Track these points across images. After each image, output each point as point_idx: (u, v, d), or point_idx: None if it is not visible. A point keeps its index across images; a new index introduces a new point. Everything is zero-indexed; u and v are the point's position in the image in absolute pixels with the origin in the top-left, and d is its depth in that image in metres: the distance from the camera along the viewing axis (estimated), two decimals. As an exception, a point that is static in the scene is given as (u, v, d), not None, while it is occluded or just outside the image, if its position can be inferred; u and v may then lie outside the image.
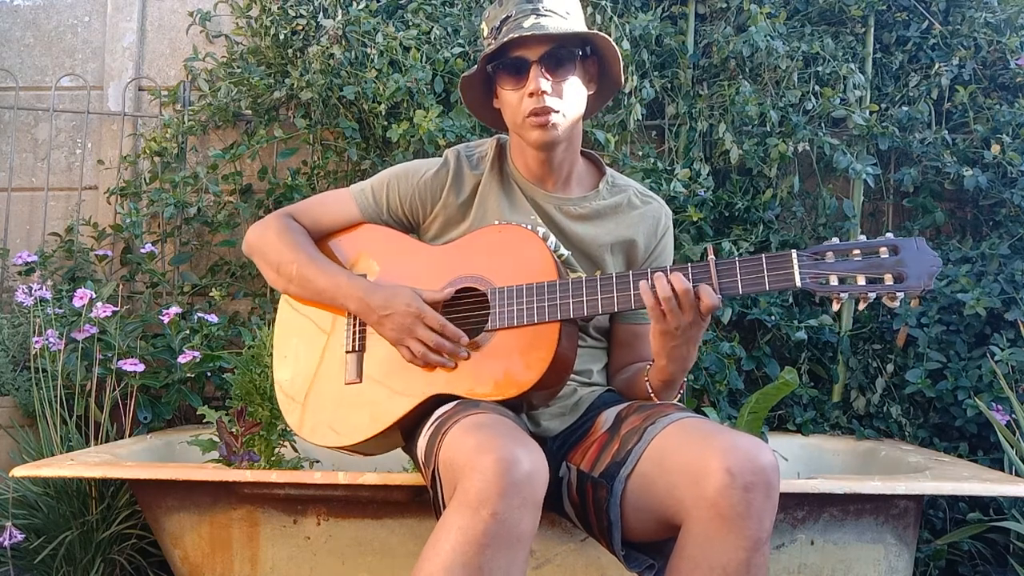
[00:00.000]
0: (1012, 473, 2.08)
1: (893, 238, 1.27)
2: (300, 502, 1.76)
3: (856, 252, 1.28)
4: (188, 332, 2.50)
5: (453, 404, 1.42)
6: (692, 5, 2.80)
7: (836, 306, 1.29)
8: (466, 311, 1.54)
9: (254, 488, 1.74)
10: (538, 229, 1.58)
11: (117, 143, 3.02)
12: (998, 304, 2.44)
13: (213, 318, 2.52)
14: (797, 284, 1.28)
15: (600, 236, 1.62)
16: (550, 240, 1.58)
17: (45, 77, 3.10)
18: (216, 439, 1.92)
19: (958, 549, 2.29)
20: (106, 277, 2.85)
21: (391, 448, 1.66)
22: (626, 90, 2.65)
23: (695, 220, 2.59)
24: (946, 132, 2.65)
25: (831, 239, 1.33)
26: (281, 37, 2.84)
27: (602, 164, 1.70)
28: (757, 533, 1.18)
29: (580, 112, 1.58)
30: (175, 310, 2.45)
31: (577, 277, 1.46)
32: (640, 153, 2.76)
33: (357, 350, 1.61)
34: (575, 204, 1.62)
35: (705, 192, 2.62)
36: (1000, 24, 2.70)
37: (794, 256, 1.29)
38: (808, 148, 2.65)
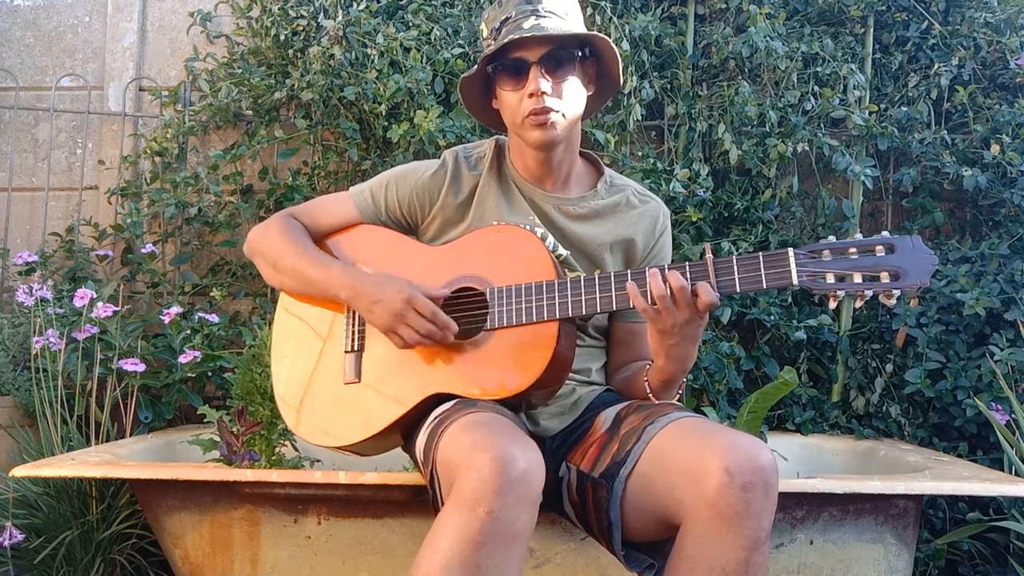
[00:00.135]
0: (1012, 473, 2.08)
1: (889, 236, 1.28)
2: (301, 502, 1.76)
3: (853, 250, 1.28)
4: (189, 332, 2.51)
5: (451, 403, 1.42)
6: (692, 6, 2.80)
7: (833, 304, 1.29)
8: (465, 311, 1.54)
9: (255, 488, 1.74)
10: (536, 229, 1.59)
11: (118, 143, 3.02)
12: (998, 304, 2.44)
13: (214, 318, 2.52)
14: (794, 282, 1.29)
15: (599, 236, 1.62)
16: (548, 240, 1.59)
17: (45, 77, 3.11)
18: (217, 439, 1.92)
19: (958, 549, 2.29)
20: (107, 277, 2.85)
21: (390, 448, 1.66)
22: (626, 90, 2.65)
23: (694, 220, 2.59)
24: (946, 132, 2.66)
25: (828, 238, 1.33)
26: (281, 38, 2.85)
27: (600, 164, 1.71)
28: (756, 532, 1.19)
29: (579, 112, 1.58)
30: (176, 310, 2.45)
31: (575, 276, 1.46)
32: (640, 153, 2.76)
33: (356, 350, 1.61)
34: (574, 204, 1.63)
35: (704, 192, 2.62)
36: (1000, 24, 2.70)
37: (791, 254, 1.29)
38: (807, 148, 2.66)
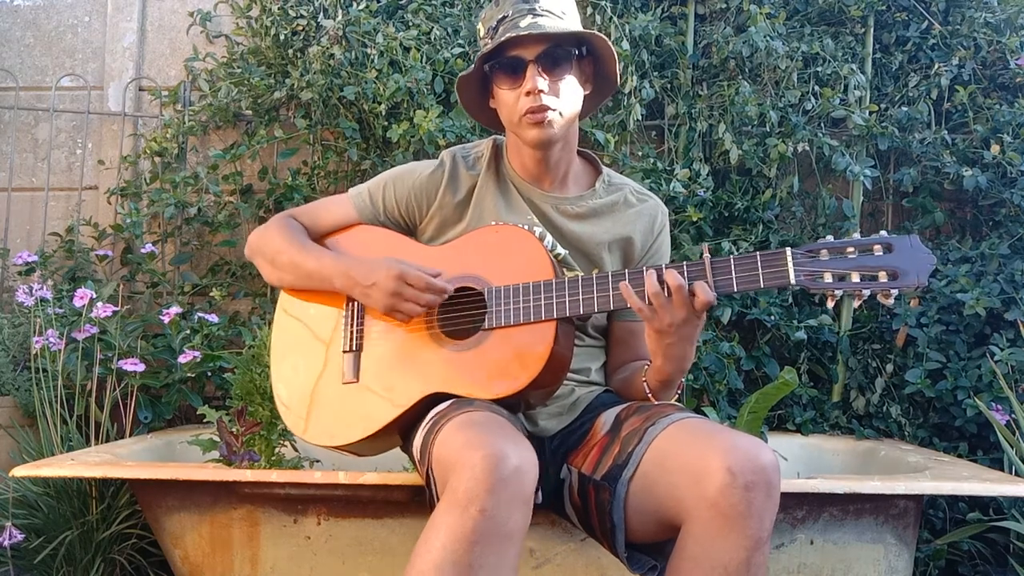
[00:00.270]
0: (1012, 473, 2.08)
1: (887, 236, 1.27)
2: (300, 502, 1.76)
3: (851, 250, 1.28)
4: (188, 332, 2.51)
5: (448, 403, 1.42)
6: (692, 5, 2.80)
7: (831, 303, 1.29)
8: (463, 310, 1.54)
9: (254, 488, 1.74)
10: (535, 229, 1.59)
11: (117, 143, 3.02)
12: (998, 304, 2.44)
13: (213, 318, 2.52)
14: (792, 281, 1.29)
15: (597, 234, 1.62)
16: (547, 240, 1.59)
17: (45, 77, 3.11)
18: (216, 439, 1.92)
19: (958, 549, 2.29)
20: (106, 277, 2.85)
21: (388, 448, 1.66)
22: (626, 90, 2.65)
23: (695, 220, 2.59)
24: (946, 132, 2.65)
25: (826, 237, 1.33)
26: (281, 37, 2.84)
27: (598, 163, 1.71)
28: (758, 532, 1.19)
29: (576, 111, 1.58)
30: (175, 310, 2.45)
31: (573, 276, 1.46)
32: (640, 153, 2.76)
33: (354, 350, 1.61)
34: (572, 203, 1.63)
35: (705, 192, 2.62)
36: (1000, 24, 2.70)
37: (789, 254, 1.29)
38: (808, 148, 2.65)
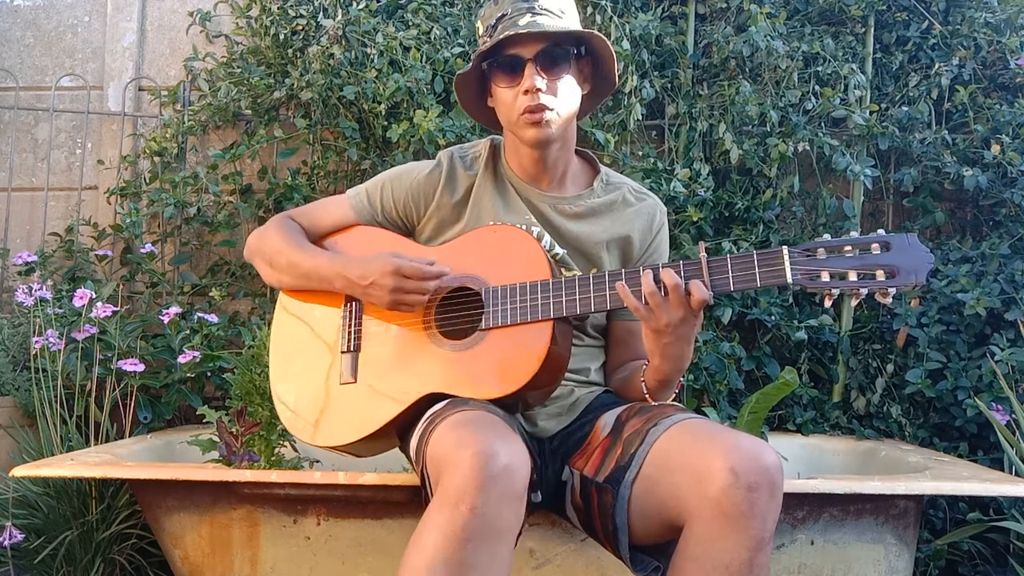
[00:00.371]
0: (1012, 473, 2.08)
1: (885, 234, 1.27)
2: (300, 502, 1.76)
3: (848, 248, 1.27)
4: (188, 332, 2.50)
5: (444, 403, 1.42)
6: (692, 5, 2.80)
7: (828, 302, 1.28)
8: (461, 310, 1.54)
9: (254, 488, 1.74)
10: (532, 229, 1.59)
11: (117, 143, 3.01)
12: (998, 304, 2.44)
13: (213, 318, 2.52)
14: (788, 280, 1.28)
15: (595, 234, 1.62)
16: (544, 240, 1.59)
17: (45, 77, 3.10)
18: (216, 439, 1.92)
19: (958, 549, 2.29)
20: (106, 277, 2.85)
21: (387, 448, 1.66)
22: (626, 90, 2.65)
23: (695, 220, 2.59)
24: (946, 132, 2.65)
25: (823, 236, 1.32)
26: (281, 37, 2.84)
27: (596, 162, 1.70)
28: (760, 533, 1.18)
29: (574, 111, 1.58)
30: (175, 310, 2.45)
31: (570, 276, 1.46)
32: (640, 153, 2.76)
33: (352, 350, 1.61)
34: (570, 203, 1.62)
35: (705, 192, 2.62)
36: (1000, 24, 2.69)
37: (785, 253, 1.29)
38: (808, 148, 2.65)
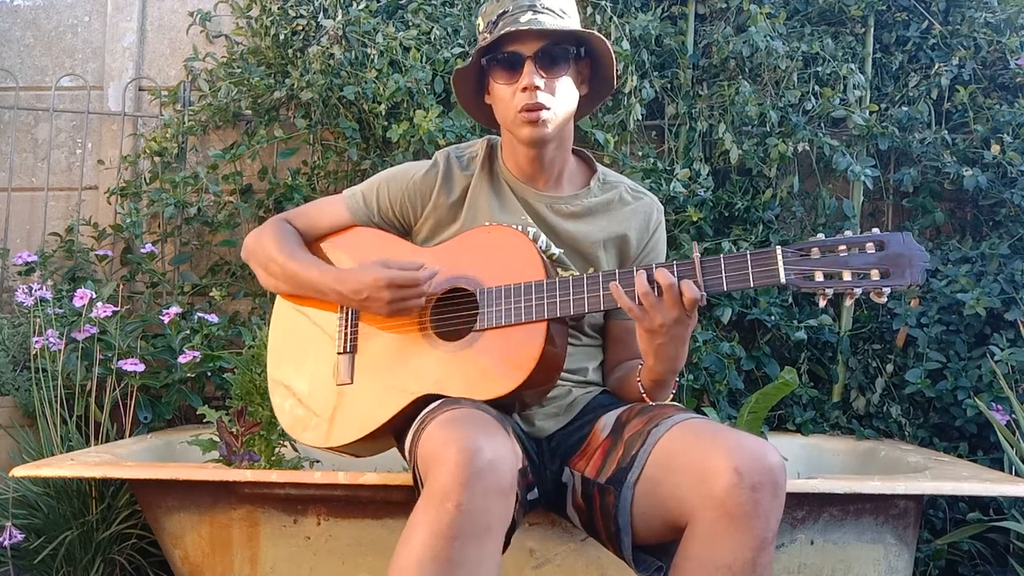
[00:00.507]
0: (1012, 473, 2.08)
1: (880, 233, 1.25)
2: (300, 502, 1.76)
3: (843, 247, 1.26)
4: (188, 332, 2.50)
5: (436, 403, 1.43)
6: (692, 5, 2.80)
7: (823, 302, 1.27)
8: (456, 311, 1.54)
9: (254, 488, 1.74)
10: (528, 229, 1.59)
11: (117, 143, 3.01)
12: (998, 304, 2.44)
13: (213, 318, 2.52)
14: (782, 280, 1.27)
15: (592, 233, 1.62)
16: (540, 240, 1.59)
17: (45, 77, 3.10)
18: (216, 439, 1.92)
19: (958, 549, 2.29)
20: (106, 277, 2.85)
21: (385, 448, 1.66)
22: (626, 90, 2.65)
23: (695, 220, 2.59)
24: (946, 132, 2.65)
25: (817, 235, 1.31)
26: (281, 37, 2.84)
27: (593, 161, 1.70)
28: (764, 533, 1.18)
29: (571, 111, 1.58)
30: (175, 310, 2.45)
31: (565, 276, 1.46)
32: (640, 153, 2.76)
33: (349, 351, 1.61)
34: (566, 202, 1.62)
35: (705, 192, 2.62)
36: (1000, 24, 2.69)
37: (779, 252, 1.28)
38: (808, 148, 2.65)
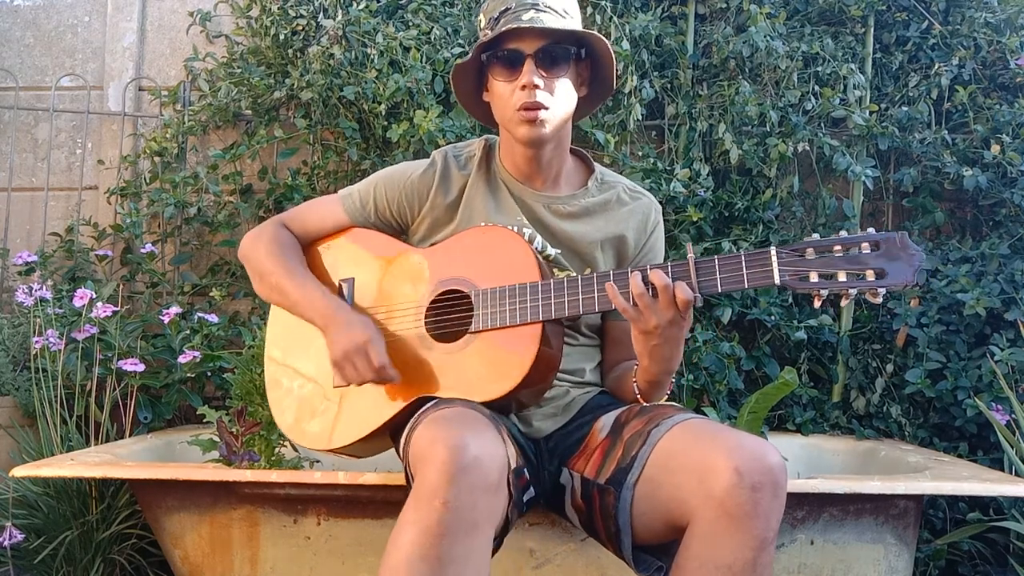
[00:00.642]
0: (1012, 473, 2.08)
1: (875, 233, 1.24)
2: (300, 502, 1.76)
3: (837, 248, 1.25)
4: (188, 332, 2.51)
5: (430, 403, 1.43)
6: (692, 5, 2.80)
7: (818, 303, 1.26)
8: (451, 313, 1.54)
9: (254, 488, 1.74)
10: (524, 230, 1.58)
11: (117, 143, 3.01)
12: (998, 304, 2.44)
13: (213, 318, 2.52)
14: (776, 281, 1.26)
15: (590, 233, 1.62)
16: (536, 241, 1.58)
17: (45, 77, 3.10)
18: (216, 439, 1.92)
19: (958, 549, 2.29)
20: (106, 277, 2.85)
21: (380, 451, 1.67)
22: (626, 90, 2.65)
23: (695, 220, 2.59)
24: (946, 132, 2.65)
25: (812, 235, 1.31)
26: (281, 37, 2.84)
27: (591, 161, 1.70)
28: (764, 533, 1.18)
29: (569, 112, 1.57)
30: (175, 310, 2.45)
31: (559, 278, 1.45)
32: (640, 153, 2.76)
33: None
34: (564, 202, 1.62)
35: (705, 192, 2.62)
36: (1000, 24, 2.69)
37: (773, 253, 1.27)
38: (808, 148, 2.65)
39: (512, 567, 1.70)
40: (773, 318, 2.57)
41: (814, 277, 1.25)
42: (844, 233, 1.27)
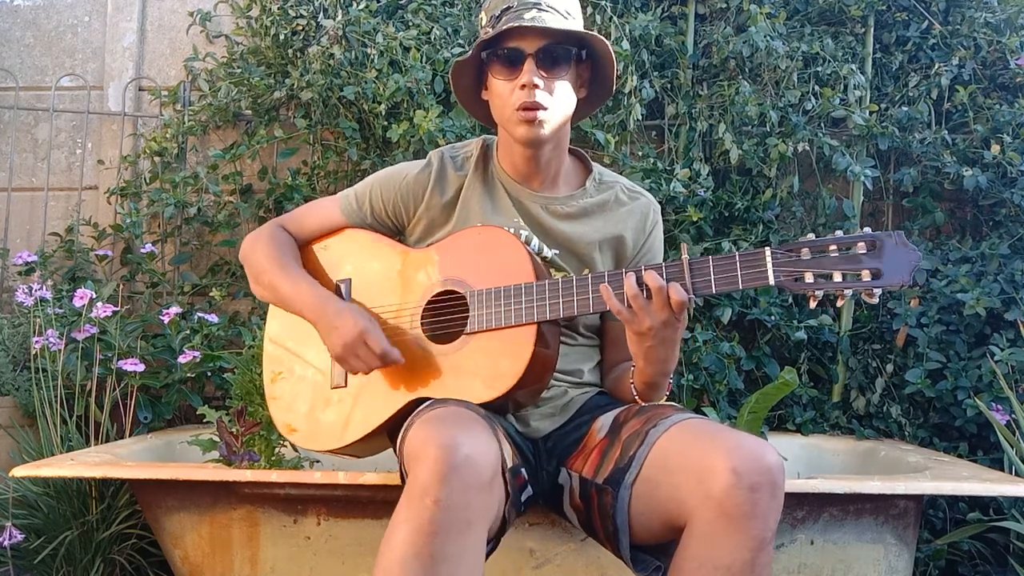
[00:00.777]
0: (1012, 473, 2.08)
1: (871, 233, 1.23)
2: (300, 502, 1.76)
3: (833, 248, 1.24)
4: (188, 332, 2.51)
5: (425, 404, 1.43)
6: (692, 5, 2.80)
7: (813, 303, 1.25)
8: (448, 314, 1.54)
9: (254, 488, 1.74)
10: (521, 232, 1.58)
11: (117, 143, 3.01)
12: (998, 304, 2.44)
13: (213, 318, 2.52)
14: (770, 282, 1.26)
15: (588, 234, 1.61)
16: (533, 243, 1.58)
17: (45, 77, 3.10)
18: (216, 439, 1.92)
19: (958, 549, 2.29)
20: (106, 277, 2.85)
21: (378, 450, 1.67)
22: (626, 90, 2.65)
23: (695, 220, 2.59)
24: (946, 132, 2.65)
25: (807, 235, 1.30)
26: (281, 37, 2.84)
27: (589, 161, 1.69)
28: (762, 533, 1.18)
29: (568, 113, 1.57)
30: (175, 310, 2.45)
31: (554, 279, 1.45)
32: (640, 153, 2.76)
33: None
34: (561, 203, 1.61)
35: (705, 192, 2.62)
36: (1000, 24, 2.70)
37: (767, 254, 1.26)
38: (808, 148, 2.65)
39: (512, 567, 1.70)
40: (773, 318, 2.57)
41: (809, 278, 1.24)
42: (840, 233, 1.26)
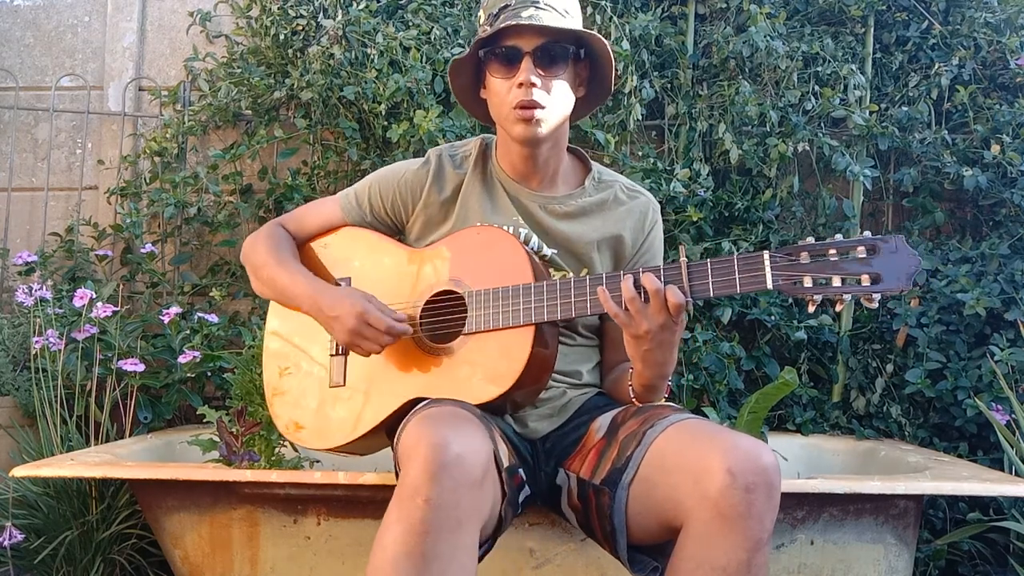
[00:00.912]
0: (1012, 473, 2.08)
1: (871, 236, 1.22)
2: (300, 502, 1.76)
3: (832, 252, 1.23)
4: (188, 332, 2.51)
5: (421, 403, 1.43)
6: (692, 5, 2.80)
7: (811, 308, 1.25)
8: (446, 314, 1.54)
9: (254, 488, 1.74)
10: (520, 231, 1.58)
11: (117, 143, 3.02)
12: (998, 304, 2.44)
13: (213, 318, 2.52)
14: (769, 286, 1.25)
15: (586, 234, 1.61)
16: (532, 242, 1.58)
17: (45, 77, 3.11)
18: (216, 439, 1.92)
19: (958, 549, 2.29)
20: (106, 277, 2.85)
21: (377, 449, 1.67)
22: (626, 90, 2.65)
23: (695, 220, 2.59)
24: (946, 132, 2.65)
25: (806, 239, 1.29)
26: (281, 37, 2.84)
27: (588, 160, 1.69)
28: (758, 534, 1.18)
29: (566, 113, 1.56)
30: (175, 310, 2.45)
31: (552, 280, 1.45)
32: (640, 153, 2.76)
33: (341, 353, 1.61)
34: (560, 202, 1.61)
35: (705, 192, 2.62)
36: (1000, 24, 2.70)
37: (766, 258, 1.25)
38: (808, 148, 2.65)
39: (512, 567, 1.70)
40: (773, 318, 2.57)
41: (808, 282, 1.23)
42: (840, 237, 1.26)
